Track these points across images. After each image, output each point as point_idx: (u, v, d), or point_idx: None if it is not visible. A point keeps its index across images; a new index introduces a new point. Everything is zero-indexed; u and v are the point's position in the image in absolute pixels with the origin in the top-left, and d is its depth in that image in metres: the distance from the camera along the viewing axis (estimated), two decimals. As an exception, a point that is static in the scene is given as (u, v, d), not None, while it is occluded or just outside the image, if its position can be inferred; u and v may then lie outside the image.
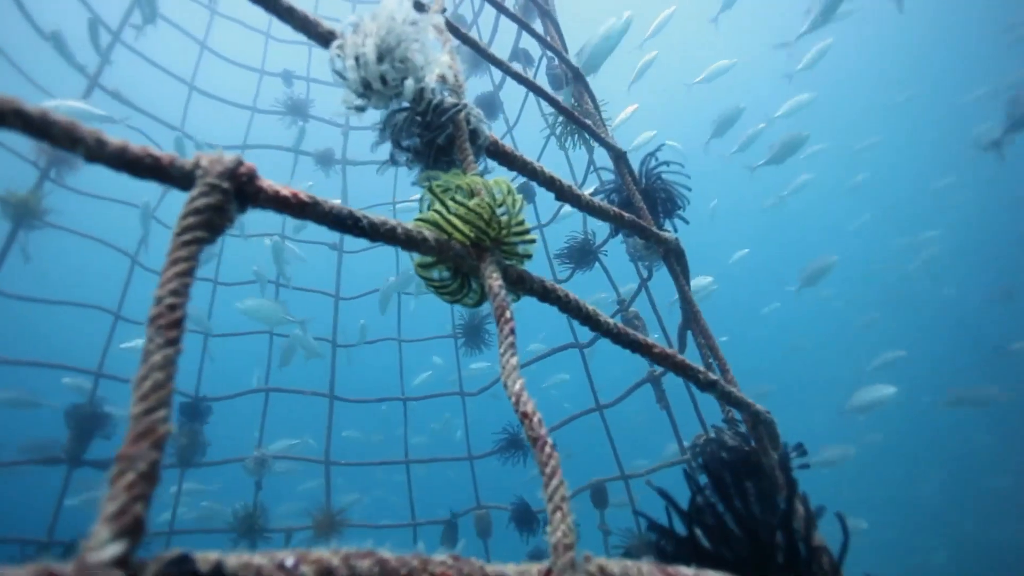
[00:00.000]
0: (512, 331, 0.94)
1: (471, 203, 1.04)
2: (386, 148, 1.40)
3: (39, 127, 0.76)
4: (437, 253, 1.01)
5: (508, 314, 0.96)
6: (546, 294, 1.16)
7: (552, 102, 1.95)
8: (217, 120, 6.93)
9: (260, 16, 6.93)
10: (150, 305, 0.69)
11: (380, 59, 1.13)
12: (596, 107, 2.70)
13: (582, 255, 4.63)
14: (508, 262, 1.12)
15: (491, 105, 5.61)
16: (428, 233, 1.00)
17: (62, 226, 4.77)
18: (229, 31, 6.66)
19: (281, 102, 7.13)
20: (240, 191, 0.81)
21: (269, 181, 0.85)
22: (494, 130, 5.99)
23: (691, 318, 2.04)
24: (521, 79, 1.86)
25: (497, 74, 5.83)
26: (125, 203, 5.46)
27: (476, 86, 5.82)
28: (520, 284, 1.12)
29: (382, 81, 1.15)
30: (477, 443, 5.98)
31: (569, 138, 3.40)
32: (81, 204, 4.96)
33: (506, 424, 5.53)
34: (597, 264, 4.66)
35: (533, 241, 1.14)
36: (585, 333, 5.02)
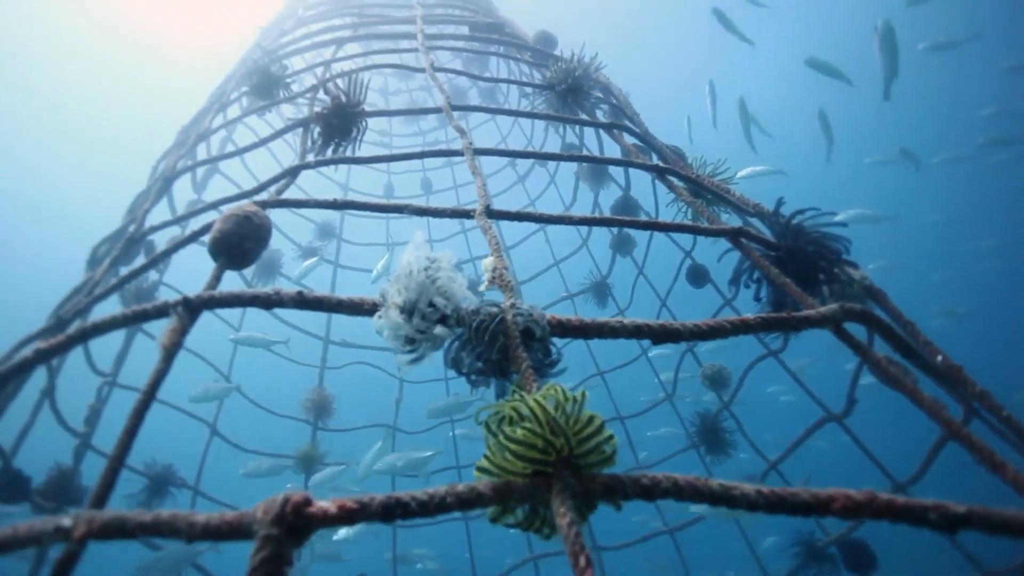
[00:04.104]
0: (592, 586, 0.79)
1: (518, 433, 0.96)
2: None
3: (152, 530, 0.94)
4: (499, 503, 0.94)
5: (583, 561, 0.81)
6: (649, 493, 0.98)
7: (632, 224, 1.84)
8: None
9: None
10: None
11: (410, 317, 1.20)
12: (705, 186, 2.48)
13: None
14: (591, 470, 0.99)
15: (628, 207, 5.58)
16: (482, 485, 0.94)
17: (339, 462, 5.84)
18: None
19: None
20: (293, 528, 0.88)
21: (319, 504, 0.91)
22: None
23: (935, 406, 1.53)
24: (590, 220, 1.82)
25: (630, 178, 5.86)
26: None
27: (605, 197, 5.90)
28: (610, 494, 0.96)
29: (420, 332, 1.21)
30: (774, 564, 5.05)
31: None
32: (349, 440, 6.04)
33: (794, 533, 4.60)
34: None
35: (611, 438, 1.00)
36: (834, 401, 4.14)
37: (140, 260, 3.24)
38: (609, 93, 3.62)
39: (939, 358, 2.06)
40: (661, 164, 2.42)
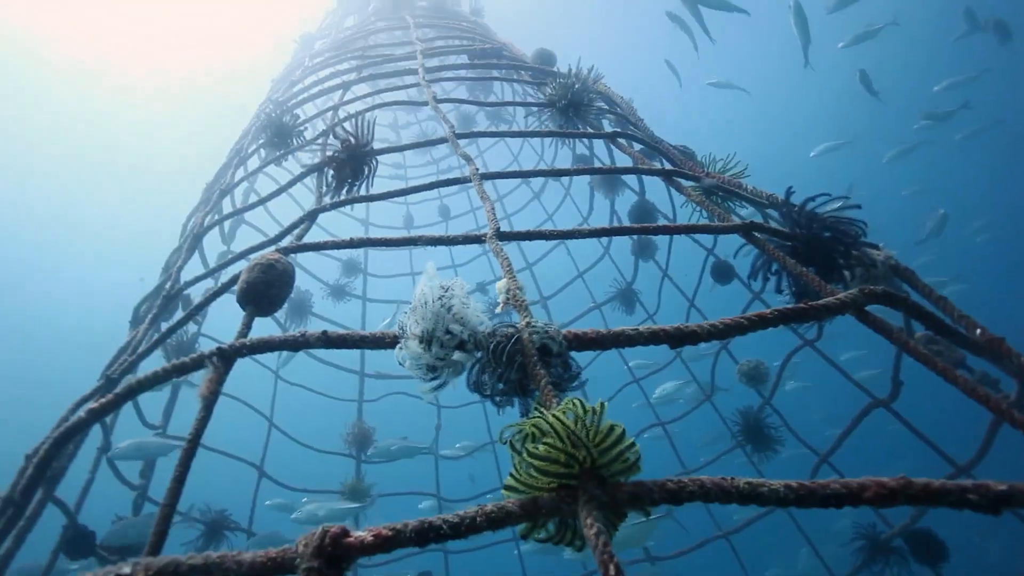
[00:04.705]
0: (623, 594, 0.80)
1: (540, 449, 0.99)
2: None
3: (203, 571, 0.99)
4: (528, 519, 0.96)
5: (612, 570, 0.83)
6: (676, 497, 0.98)
7: (652, 229, 1.86)
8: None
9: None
10: None
11: (429, 346, 1.24)
12: (724, 187, 2.48)
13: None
14: (616, 479, 1.00)
15: (644, 211, 5.56)
16: (511, 504, 0.96)
17: (390, 492, 5.91)
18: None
19: None
20: (333, 559, 0.91)
21: (356, 534, 0.94)
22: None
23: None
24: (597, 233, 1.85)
25: (644, 183, 5.86)
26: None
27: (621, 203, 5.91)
28: (636, 501, 0.97)
29: (440, 359, 1.25)
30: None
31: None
32: (391, 471, 6.11)
33: (854, 527, 4.42)
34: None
35: (632, 446, 1.01)
36: (836, 393, 4.00)
37: (179, 314, 3.39)
38: (612, 103, 3.65)
39: (978, 331, 1.99)
40: (668, 167, 2.43)
